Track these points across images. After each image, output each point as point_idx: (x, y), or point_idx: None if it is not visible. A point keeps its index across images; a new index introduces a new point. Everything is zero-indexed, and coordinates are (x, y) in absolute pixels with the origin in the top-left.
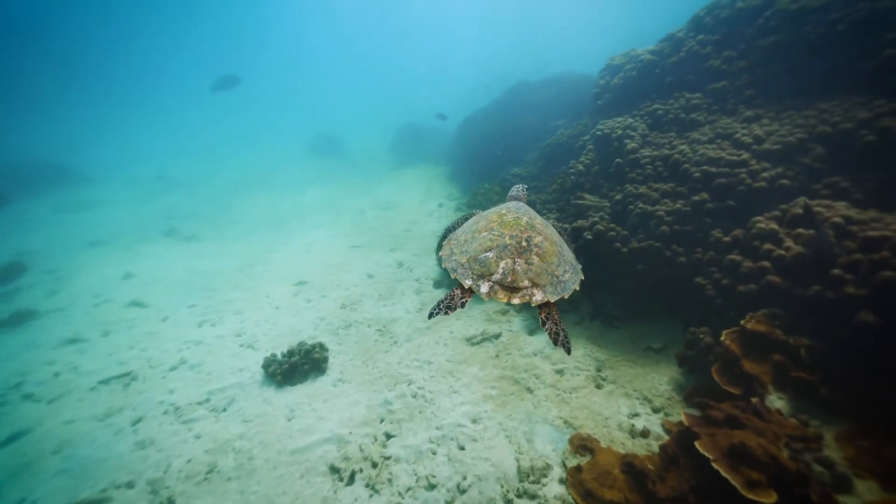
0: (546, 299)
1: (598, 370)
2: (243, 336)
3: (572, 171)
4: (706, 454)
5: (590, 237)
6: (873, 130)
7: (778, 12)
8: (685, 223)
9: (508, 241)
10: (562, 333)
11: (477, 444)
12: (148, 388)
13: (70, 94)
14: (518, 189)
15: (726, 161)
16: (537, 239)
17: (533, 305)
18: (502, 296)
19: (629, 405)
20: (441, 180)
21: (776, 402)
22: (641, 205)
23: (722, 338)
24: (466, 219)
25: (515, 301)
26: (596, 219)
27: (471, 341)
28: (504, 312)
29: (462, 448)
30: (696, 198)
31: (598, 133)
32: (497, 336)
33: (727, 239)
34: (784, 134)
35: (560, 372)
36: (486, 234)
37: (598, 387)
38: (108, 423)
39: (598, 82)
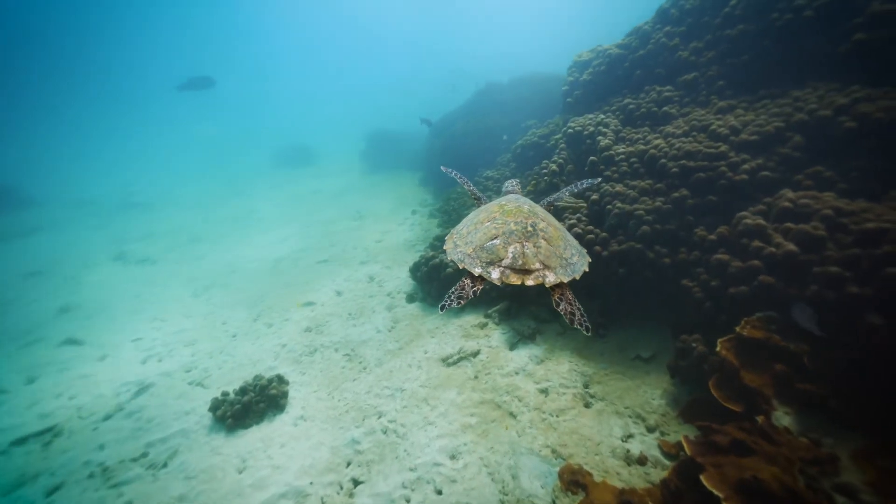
0: (559, 280)
1: (586, 386)
2: (193, 371)
3: (545, 171)
4: (715, 492)
5: None
6: (852, 116)
7: (744, 1)
8: (666, 222)
9: (514, 227)
10: (577, 313)
11: (456, 485)
12: (73, 444)
13: (12, 106)
14: (512, 184)
15: (704, 154)
16: (541, 224)
17: (547, 287)
18: (515, 279)
19: (622, 425)
20: (414, 186)
21: (782, 417)
22: (619, 204)
23: (717, 348)
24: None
25: (529, 282)
26: (573, 221)
27: (447, 361)
28: (482, 326)
29: (439, 492)
30: (675, 194)
31: (570, 131)
32: (475, 354)
33: (712, 237)
34: (761, 123)
35: (545, 391)
36: (488, 223)
37: (587, 405)
38: (15, 496)
39: (566, 79)
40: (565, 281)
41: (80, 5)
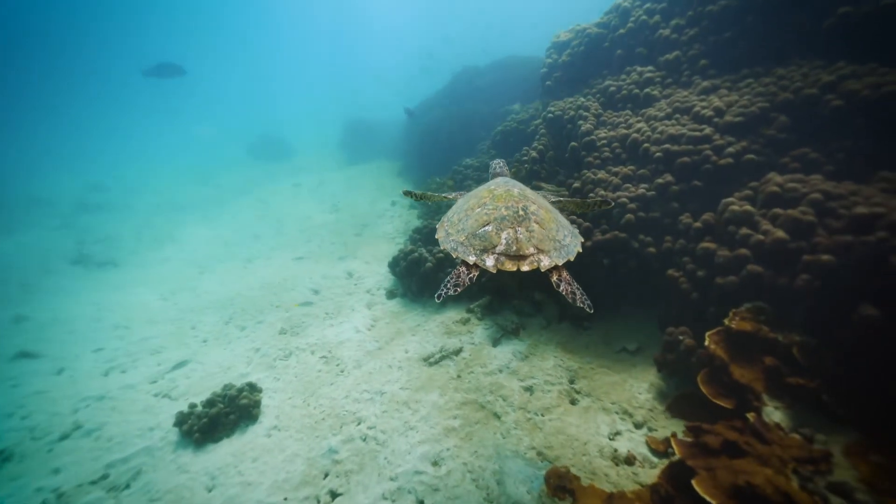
0: (554, 263)
1: (572, 381)
2: (159, 382)
3: (525, 158)
4: (708, 498)
5: None
6: (839, 94)
7: None
8: (651, 209)
9: (505, 213)
10: (577, 292)
11: (439, 494)
12: (25, 470)
13: None
14: (499, 164)
15: (688, 138)
16: (532, 207)
17: (542, 271)
18: (510, 265)
19: (609, 423)
20: (393, 176)
21: (773, 413)
22: (602, 192)
23: (706, 342)
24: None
25: (525, 268)
26: None
27: (428, 361)
28: (464, 322)
29: (421, 503)
30: (660, 180)
31: (550, 116)
32: (458, 351)
33: (698, 224)
34: (745, 104)
35: (529, 389)
36: (479, 209)
37: (573, 402)
38: None
39: (545, 62)
40: (560, 263)
41: None
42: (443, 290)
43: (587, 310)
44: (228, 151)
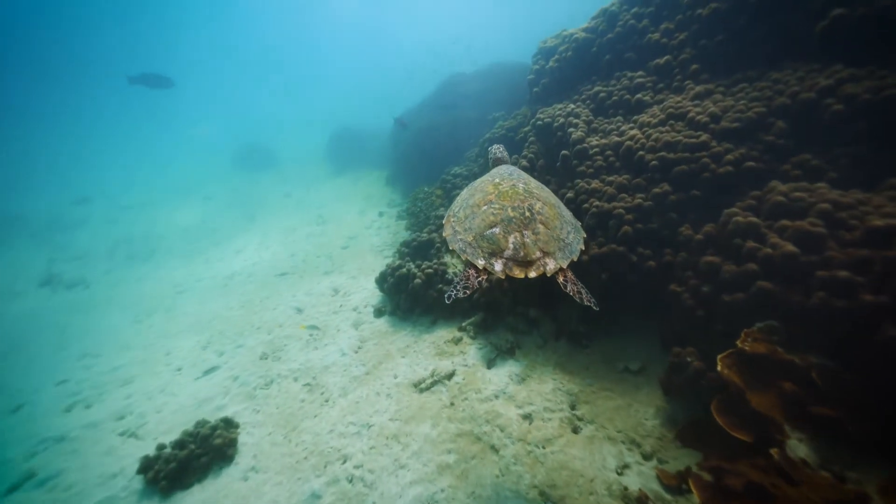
0: (559, 266)
1: (573, 407)
2: (127, 419)
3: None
4: None
5: None
6: (838, 99)
7: None
8: (648, 221)
9: (511, 214)
10: (583, 291)
11: None
12: None
13: None
14: (499, 150)
15: (685, 145)
16: (538, 206)
17: (548, 275)
18: (518, 272)
19: (616, 454)
20: (381, 185)
21: (797, 446)
22: (597, 202)
23: (718, 366)
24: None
25: (532, 274)
26: None
27: (419, 387)
28: (456, 342)
29: None
30: (656, 190)
31: (539, 123)
32: (450, 375)
33: (699, 236)
34: (741, 109)
35: (528, 417)
36: (485, 207)
37: (575, 431)
38: None
39: (532, 68)
40: (564, 266)
41: None
42: (452, 291)
43: (594, 307)
44: (215, 161)
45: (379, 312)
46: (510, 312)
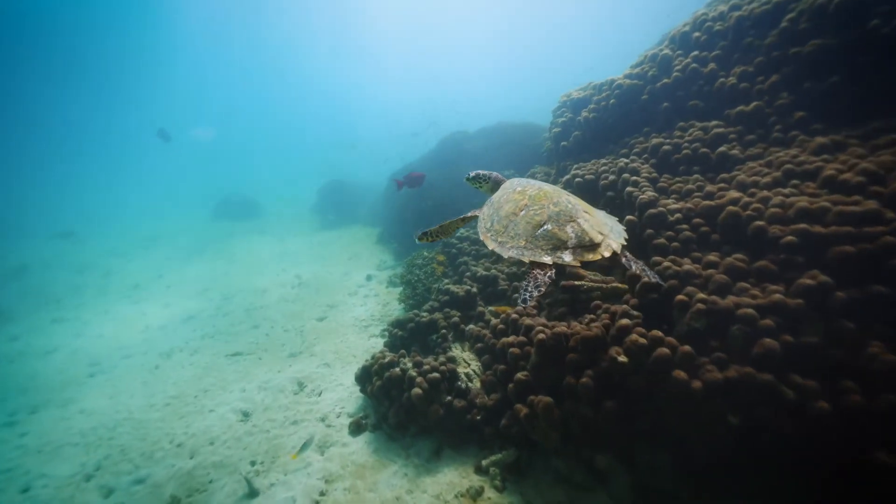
0: (620, 244)
1: None
2: None
3: None
4: None
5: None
6: None
7: (810, 11)
8: (803, 331)
9: (554, 209)
10: (646, 268)
11: None
12: None
13: None
14: (492, 174)
15: (840, 215)
16: (573, 199)
17: (608, 256)
18: (590, 255)
19: None
20: (371, 244)
21: None
22: (702, 295)
23: None
24: None
25: (605, 254)
26: (606, 321)
27: None
28: (475, 495)
29: None
30: (806, 281)
31: (579, 181)
32: None
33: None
34: None
35: None
36: (523, 213)
37: None
38: None
39: (555, 121)
40: (624, 243)
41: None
42: (524, 295)
43: (661, 283)
44: (192, 212)
45: (357, 428)
46: (559, 452)
